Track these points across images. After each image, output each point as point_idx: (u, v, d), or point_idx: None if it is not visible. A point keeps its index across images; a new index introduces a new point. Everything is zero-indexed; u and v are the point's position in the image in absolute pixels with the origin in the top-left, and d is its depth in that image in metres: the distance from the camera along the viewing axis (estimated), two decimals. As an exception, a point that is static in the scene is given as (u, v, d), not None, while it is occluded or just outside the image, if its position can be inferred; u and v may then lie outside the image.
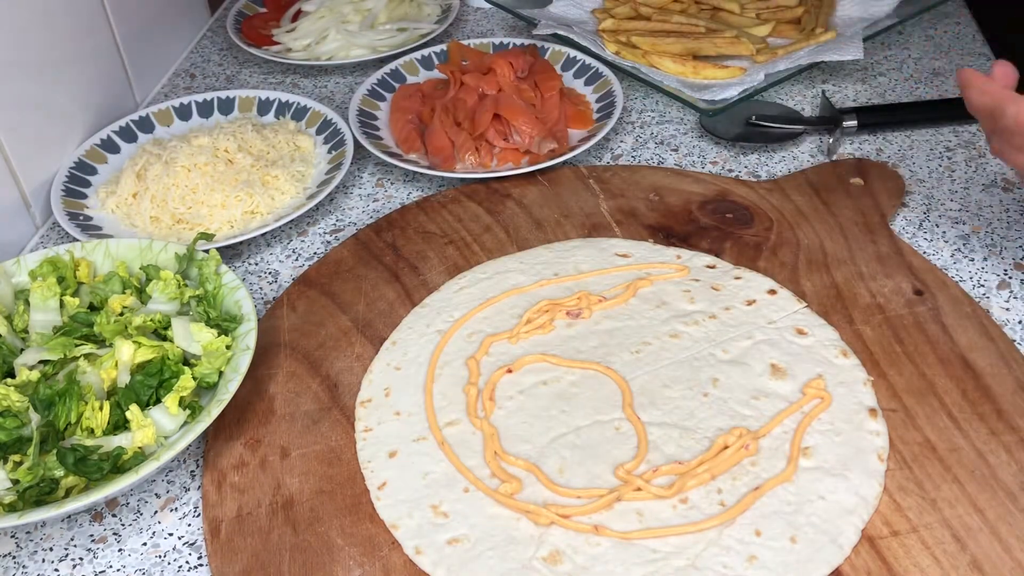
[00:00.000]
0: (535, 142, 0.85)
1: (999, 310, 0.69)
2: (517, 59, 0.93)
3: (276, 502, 0.58)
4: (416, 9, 1.12)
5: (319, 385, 0.65)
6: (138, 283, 0.68)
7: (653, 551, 0.53)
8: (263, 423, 0.63)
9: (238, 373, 0.60)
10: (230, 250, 0.80)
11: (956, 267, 0.73)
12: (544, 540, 0.54)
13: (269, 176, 0.83)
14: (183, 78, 1.08)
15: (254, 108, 0.94)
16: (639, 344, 0.66)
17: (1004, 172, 0.82)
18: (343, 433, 0.62)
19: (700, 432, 0.60)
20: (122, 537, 0.59)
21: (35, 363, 0.61)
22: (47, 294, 0.65)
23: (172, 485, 0.61)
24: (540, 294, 0.71)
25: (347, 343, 0.68)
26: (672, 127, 0.92)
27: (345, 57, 1.05)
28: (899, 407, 0.60)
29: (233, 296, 0.66)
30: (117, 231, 0.80)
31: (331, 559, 0.54)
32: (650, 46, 0.95)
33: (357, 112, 0.91)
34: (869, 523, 0.54)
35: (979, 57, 0.98)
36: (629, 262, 0.73)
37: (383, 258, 0.76)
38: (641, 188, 0.81)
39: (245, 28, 1.11)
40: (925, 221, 0.78)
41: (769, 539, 0.53)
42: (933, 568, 0.52)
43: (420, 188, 0.86)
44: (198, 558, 0.57)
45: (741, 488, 0.56)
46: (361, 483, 0.59)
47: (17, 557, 0.58)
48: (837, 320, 0.67)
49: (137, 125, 0.92)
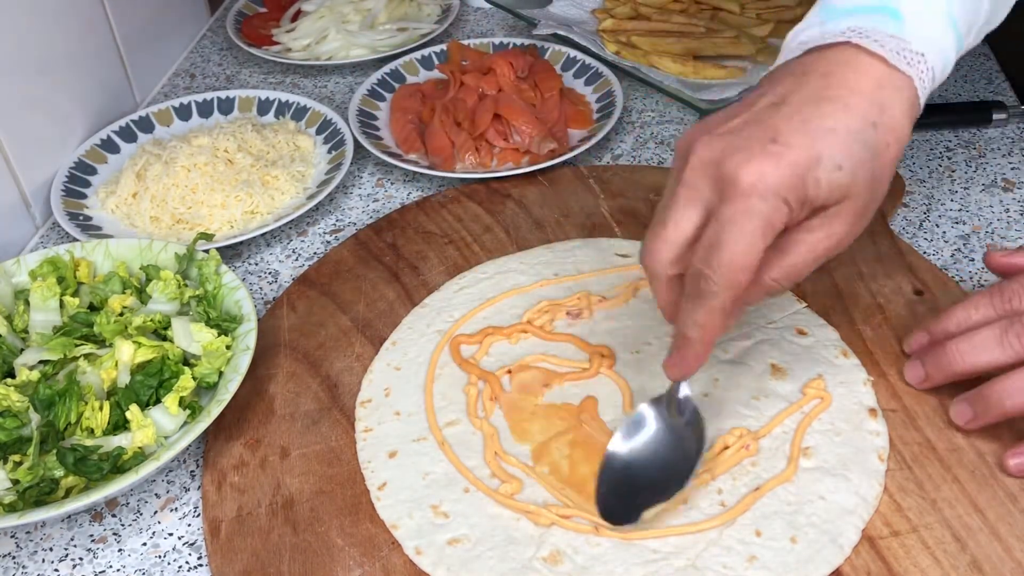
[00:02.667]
0: (535, 142, 0.85)
1: (999, 310, 0.69)
2: (517, 59, 0.93)
3: (276, 502, 0.58)
4: (416, 9, 1.12)
5: (319, 385, 0.65)
6: (138, 283, 0.68)
7: (653, 551, 0.53)
8: (263, 423, 0.63)
9: (238, 373, 0.60)
10: (230, 250, 0.80)
11: (956, 267, 0.73)
12: (544, 540, 0.54)
13: (269, 176, 0.84)
14: (183, 78, 1.08)
15: (254, 108, 0.94)
16: (640, 344, 0.66)
17: (1004, 172, 0.82)
18: (343, 433, 0.62)
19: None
20: (122, 537, 0.59)
21: (35, 363, 0.61)
22: (47, 294, 0.65)
23: (172, 485, 0.61)
24: (540, 294, 0.71)
25: (347, 343, 0.68)
26: (672, 127, 0.92)
27: (345, 57, 1.05)
28: (899, 407, 0.60)
29: (233, 296, 0.66)
30: (117, 231, 0.80)
31: (331, 559, 0.54)
32: (650, 46, 0.95)
33: (357, 112, 0.91)
34: (869, 523, 0.54)
35: (979, 57, 0.98)
36: (629, 262, 0.73)
37: (383, 258, 0.76)
38: (641, 188, 0.81)
39: (245, 28, 1.11)
40: (925, 221, 0.78)
41: (769, 539, 0.53)
42: (933, 568, 0.52)
43: (420, 188, 0.86)
44: (198, 558, 0.57)
45: (741, 488, 0.56)
46: (361, 483, 0.59)
47: (17, 557, 0.58)
48: (837, 320, 0.67)
49: (137, 125, 0.92)
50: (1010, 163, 0.83)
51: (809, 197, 0.48)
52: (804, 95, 0.49)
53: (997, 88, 0.93)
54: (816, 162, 0.47)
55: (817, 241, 0.49)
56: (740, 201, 0.47)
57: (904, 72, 0.49)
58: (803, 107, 0.48)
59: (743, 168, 0.47)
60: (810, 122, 0.48)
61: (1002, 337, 0.55)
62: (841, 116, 0.48)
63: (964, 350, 0.56)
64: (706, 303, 0.49)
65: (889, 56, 0.49)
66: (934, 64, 0.50)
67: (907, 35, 0.50)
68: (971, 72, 0.96)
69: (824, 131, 0.47)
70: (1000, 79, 0.94)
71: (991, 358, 0.55)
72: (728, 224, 0.47)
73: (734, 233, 0.47)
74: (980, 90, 0.93)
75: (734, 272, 0.47)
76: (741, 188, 0.47)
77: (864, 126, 0.48)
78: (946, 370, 0.58)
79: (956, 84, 0.94)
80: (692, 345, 0.51)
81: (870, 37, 0.49)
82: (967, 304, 0.59)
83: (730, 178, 0.47)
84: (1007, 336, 0.55)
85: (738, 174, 0.47)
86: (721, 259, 0.47)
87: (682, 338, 0.51)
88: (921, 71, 0.50)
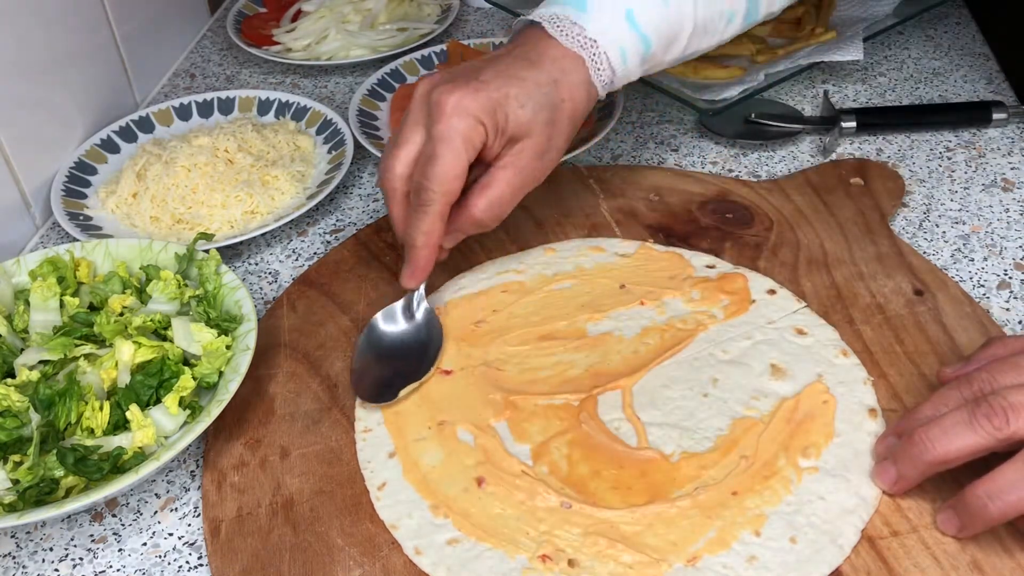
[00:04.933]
0: (535, 142, 0.85)
1: (999, 310, 0.69)
2: (517, 59, 0.93)
3: (276, 502, 0.58)
4: (416, 9, 1.12)
5: (319, 385, 0.65)
6: (138, 283, 0.68)
7: (653, 549, 0.53)
8: (263, 423, 0.63)
9: (238, 373, 0.60)
10: (230, 250, 0.80)
11: (956, 267, 0.73)
12: (545, 540, 0.54)
13: (269, 176, 0.84)
14: (183, 78, 1.08)
15: (254, 108, 0.95)
16: (639, 344, 0.66)
17: (1004, 172, 0.82)
18: (343, 433, 0.62)
19: (700, 432, 0.59)
20: (122, 537, 0.59)
21: (35, 363, 0.61)
22: (47, 294, 0.65)
23: (172, 485, 0.61)
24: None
25: (347, 343, 0.68)
26: (672, 127, 0.92)
27: (345, 57, 1.05)
28: (899, 407, 0.60)
29: (233, 296, 0.66)
30: (117, 231, 0.80)
31: (331, 559, 0.54)
32: (650, 46, 0.95)
33: (357, 112, 0.91)
34: (869, 523, 0.54)
35: (979, 57, 0.98)
36: (629, 262, 0.73)
37: (383, 258, 0.76)
38: (641, 188, 0.81)
39: (245, 28, 1.11)
40: (925, 221, 0.78)
41: (769, 539, 0.53)
42: (933, 568, 0.52)
43: (420, 188, 0.86)
44: (198, 558, 0.57)
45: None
46: (361, 483, 0.59)
47: (17, 557, 0.58)
48: (837, 320, 0.67)
49: (137, 125, 0.92)
50: (1010, 163, 0.83)
51: (499, 126, 0.61)
52: (509, 57, 0.63)
53: (997, 88, 0.93)
54: (506, 98, 0.61)
55: (511, 175, 0.63)
56: (444, 120, 0.60)
57: (577, 53, 0.63)
58: (505, 62, 0.63)
59: (447, 95, 0.60)
60: (507, 71, 0.62)
61: (971, 419, 0.50)
62: (530, 71, 0.62)
63: (934, 436, 0.52)
64: (427, 210, 0.61)
65: (563, 39, 0.63)
66: (608, 50, 0.64)
67: (585, 24, 0.63)
68: (971, 72, 0.96)
69: (516, 79, 0.62)
70: (1000, 79, 0.94)
71: (963, 443, 0.51)
72: (437, 140, 0.60)
73: (442, 147, 0.60)
74: (980, 90, 0.93)
75: (447, 180, 0.60)
76: (446, 110, 0.60)
77: (547, 81, 0.62)
78: (917, 462, 0.53)
79: (956, 84, 0.95)
80: (419, 251, 0.63)
81: (555, 22, 0.64)
82: (935, 400, 0.55)
83: (437, 103, 0.60)
84: (975, 418, 0.50)
85: (443, 99, 0.60)
86: (434, 170, 0.60)
87: (411, 248, 0.63)
88: (593, 54, 0.64)
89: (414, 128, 0.63)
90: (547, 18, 0.64)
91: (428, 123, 0.61)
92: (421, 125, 0.62)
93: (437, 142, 0.60)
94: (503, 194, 0.63)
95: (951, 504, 0.53)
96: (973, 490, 0.51)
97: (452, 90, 0.60)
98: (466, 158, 0.61)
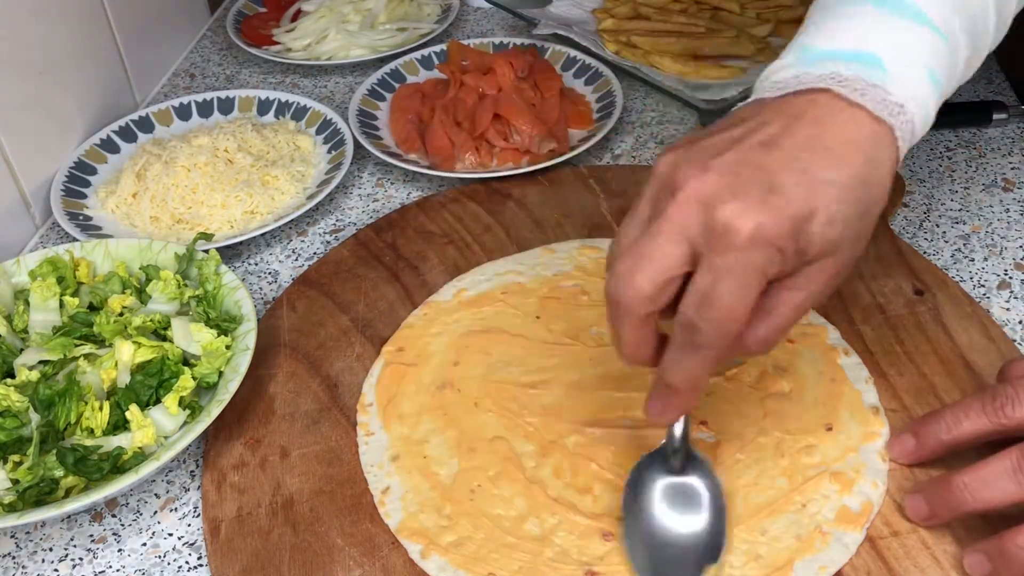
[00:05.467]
0: (535, 142, 0.85)
1: (999, 310, 0.69)
2: (517, 59, 0.93)
3: (276, 502, 0.58)
4: (416, 9, 1.12)
5: (319, 385, 0.65)
6: (138, 283, 0.68)
7: (654, 551, 0.53)
8: (263, 423, 0.63)
9: (238, 373, 0.60)
10: (230, 250, 0.80)
11: (956, 267, 0.73)
12: (549, 541, 0.54)
13: (269, 176, 0.83)
14: (183, 78, 1.08)
15: (254, 108, 0.94)
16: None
17: (1004, 172, 0.82)
18: (343, 433, 0.62)
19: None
20: (122, 537, 0.59)
21: (35, 363, 0.61)
22: (47, 294, 0.65)
23: (172, 485, 0.61)
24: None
25: (347, 343, 0.68)
26: (672, 127, 0.92)
27: (345, 57, 1.05)
28: (899, 407, 0.60)
29: (233, 296, 0.66)
30: (117, 231, 0.80)
31: (331, 559, 0.54)
32: (650, 46, 0.95)
33: (357, 112, 0.91)
34: (869, 523, 0.54)
35: (979, 57, 0.98)
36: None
37: (383, 258, 0.76)
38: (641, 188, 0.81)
39: (245, 28, 1.11)
40: (925, 221, 0.78)
41: (772, 538, 0.53)
42: (933, 568, 0.52)
43: (420, 188, 0.86)
44: (198, 558, 0.57)
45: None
46: (361, 483, 0.59)
47: (17, 557, 0.58)
48: (837, 320, 0.67)
49: (137, 125, 0.92)
50: (1010, 163, 0.83)
51: (801, 249, 0.45)
52: (799, 141, 0.46)
53: (997, 88, 0.93)
54: (812, 215, 0.44)
55: (801, 299, 0.47)
56: (737, 253, 0.44)
57: (888, 123, 0.46)
58: (799, 154, 0.45)
59: (741, 219, 0.43)
60: (808, 172, 0.45)
61: (1015, 471, 0.48)
62: (834, 170, 0.45)
63: (974, 487, 0.49)
64: (698, 353, 0.46)
65: (872, 107, 0.46)
66: (914, 116, 0.47)
67: (889, 85, 0.47)
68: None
69: (823, 183, 0.45)
70: (1000, 79, 0.94)
71: (1005, 496, 0.49)
72: (724, 275, 0.44)
73: (729, 284, 0.44)
74: (980, 90, 0.93)
75: (728, 324, 0.45)
76: (739, 241, 0.43)
77: (858, 183, 0.45)
78: (955, 510, 0.51)
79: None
80: (679, 394, 0.48)
81: (851, 86, 0.46)
82: (956, 408, 0.53)
83: (727, 227, 0.44)
84: (1022, 470, 0.48)
85: (736, 224, 0.43)
86: (715, 311, 0.44)
87: (666, 387, 0.48)
88: (902, 122, 0.47)
89: (676, 242, 0.45)
90: (839, 79, 0.47)
91: (700, 242, 0.45)
92: (687, 241, 0.45)
93: (722, 277, 0.44)
94: (787, 323, 0.47)
95: (984, 549, 0.50)
96: (1013, 539, 0.48)
97: (745, 210, 0.44)
98: (755, 297, 0.45)
